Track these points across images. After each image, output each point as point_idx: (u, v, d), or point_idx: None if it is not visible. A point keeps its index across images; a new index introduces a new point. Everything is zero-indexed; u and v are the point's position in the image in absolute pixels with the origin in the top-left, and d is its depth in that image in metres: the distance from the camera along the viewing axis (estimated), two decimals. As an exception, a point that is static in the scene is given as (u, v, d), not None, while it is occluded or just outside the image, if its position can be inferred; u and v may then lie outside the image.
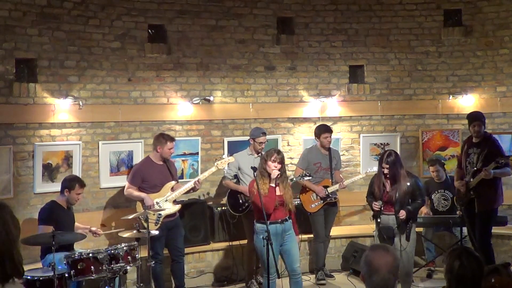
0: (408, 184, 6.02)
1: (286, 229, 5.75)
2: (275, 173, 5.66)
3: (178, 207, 6.57)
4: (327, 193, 7.16)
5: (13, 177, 6.41)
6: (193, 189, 6.69)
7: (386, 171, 6.07)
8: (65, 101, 6.78)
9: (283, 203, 5.72)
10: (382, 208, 6.07)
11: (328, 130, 7.22)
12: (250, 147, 7.04)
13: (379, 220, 6.10)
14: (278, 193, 5.72)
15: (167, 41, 7.50)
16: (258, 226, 5.68)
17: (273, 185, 5.69)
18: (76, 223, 6.19)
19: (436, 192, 7.48)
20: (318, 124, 7.55)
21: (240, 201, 6.96)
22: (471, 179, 6.48)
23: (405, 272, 6.01)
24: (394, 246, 5.96)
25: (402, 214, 5.95)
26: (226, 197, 7.17)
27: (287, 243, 5.76)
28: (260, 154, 6.99)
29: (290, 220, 5.82)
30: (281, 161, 5.72)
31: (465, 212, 6.59)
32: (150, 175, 6.50)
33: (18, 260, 2.04)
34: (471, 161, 6.56)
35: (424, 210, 7.33)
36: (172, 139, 6.60)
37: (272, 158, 5.69)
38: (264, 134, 6.97)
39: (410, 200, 6.06)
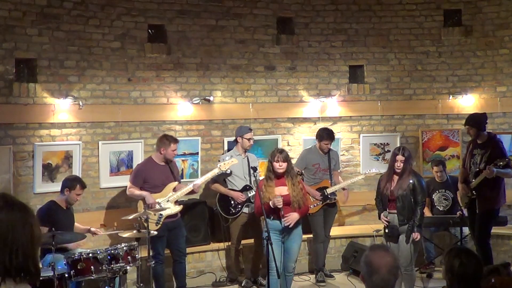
0: (411, 181, 5.98)
1: (289, 227, 5.74)
2: (277, 201, 5.60)
3: (179, 207, 6.56)
4: (326, 193, 7.17)
5: (13, 177, 6.41)
6: (193, 192, 6.71)
7: (399, 164, 5.98)
8: (65, 101, 6.78)
9: (289, 202, 5.71)
10: (389, 221, 6.04)
11: (330, 138, 7.16)
12: (237, 147, 7.02)
13: (387, 231, 6.07)
14: (283, 192, 5.72)
15: (167, 41, 7.50)
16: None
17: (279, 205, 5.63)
18: (76, 224, 6.19)
19: (437, 192, 7.49)
20: (322, 127, 7.46)
21: (232, 203, 6.94)
22: (473, 180, 6.47)
23: (404, 267, 6.02)
24: (399, 244, 5.96)
25: (417, 236, 5.91)
26: (216, 200, 7.07)
27: (289, 241, 5.80)
28: (246, 153, 6.98)
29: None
30: (285, 159, 5.75)
31: (468, 212, 6.60)
32: (152, 175, 6.49)
33: (38, 262, 2.12)
34: (475, 162, 6.52)
35: (428, 213, 7.32)
36: (176, 140, 6.58)
37: (276, 158, 5.73)
38: (251, 130, 7.00)
39: (412, 199, 6.00)
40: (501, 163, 6.20)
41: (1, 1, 6.32)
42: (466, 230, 6.84)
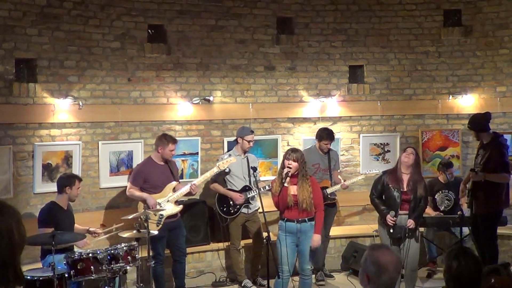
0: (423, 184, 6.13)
1: (303, 230, 5.78)
2: (284, 171, 5.71)
3: (179, 207, 6.56)
4: (326, 194, 7.17)
5: (13, 177, 6.41)
6: (190, 193, 6.69)
7: (410, 156, 6.06)
8: (65, 101, 6.78)
9: (297, 202, 5.73)
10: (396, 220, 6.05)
11: (330, 138, 7.17)
12: (236, 147, 7.02)
13: (391, 231, 6.08)
14: (293, 192, 5.75)
15: (167, 41, 7.50)
16: (279, 222, 5.92)
17: (286, 184, 5.71)
18: (75, 224, 6.18)
19: (440, 192, 7.49)
20: (322, 127, 7.46)
21: (231, 203, 6.93)
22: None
23: (410, 269, 6.05)
24: (403, 245, 5.98)
25: (411, 223, 5.97)
26: (215, 200, 7.07)
27: (302, 244, 5.83)
28: (245, 153, 6.99)
29: (311, 222, 5.83)
30: (296, 159, 5.73)
31: (470, 213, 6.58)
32: (152, 175, 6.49)
33: (20, 267, 1.97)
34: (477, 162, 6.50)
35: (432, 213, 7.33)
36: (174, 140, 6.59)
37: (287, 156, 5.77)
38: (252, 132, 6.99)
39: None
40: (476, 170, 6.23)
41: (1, 1, 6.32)
42: (466, 230, 6.83)
